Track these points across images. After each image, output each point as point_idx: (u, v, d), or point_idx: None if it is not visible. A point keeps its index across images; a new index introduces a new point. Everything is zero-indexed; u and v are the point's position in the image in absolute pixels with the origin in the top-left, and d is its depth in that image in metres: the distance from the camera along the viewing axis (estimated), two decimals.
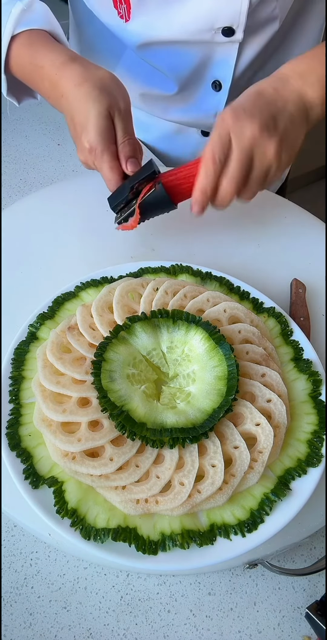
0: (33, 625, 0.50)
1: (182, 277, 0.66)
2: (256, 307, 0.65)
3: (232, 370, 0.52)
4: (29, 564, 0.53)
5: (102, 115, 0.60)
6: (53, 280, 0.67)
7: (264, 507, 0.48)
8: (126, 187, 0.62)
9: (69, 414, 0.49)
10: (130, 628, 0.51)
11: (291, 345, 0.61)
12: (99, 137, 0.60)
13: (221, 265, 0.69)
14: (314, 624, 0.47)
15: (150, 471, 0.48)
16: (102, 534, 0.45)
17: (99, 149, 0.61)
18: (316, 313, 0.70)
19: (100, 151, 0.61)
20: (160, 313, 0.57)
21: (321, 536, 0.57)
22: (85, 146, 0.62)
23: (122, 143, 0.62)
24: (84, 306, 0.59)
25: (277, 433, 0.51)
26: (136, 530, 0.46)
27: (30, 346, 0.57)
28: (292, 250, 0.77)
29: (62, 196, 0.76)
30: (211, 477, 0.48)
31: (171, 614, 0.52)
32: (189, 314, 0.57)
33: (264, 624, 0.52)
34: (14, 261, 0.71)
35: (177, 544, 0.46)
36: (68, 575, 0.53)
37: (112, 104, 0.61)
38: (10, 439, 0.50)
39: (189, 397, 0.53)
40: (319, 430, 0.53)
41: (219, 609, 0.52)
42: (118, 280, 0.63)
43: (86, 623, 0.51)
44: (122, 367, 0.53)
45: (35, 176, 0.90)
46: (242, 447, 0.50)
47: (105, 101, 0.60)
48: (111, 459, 0.47)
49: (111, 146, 0.61)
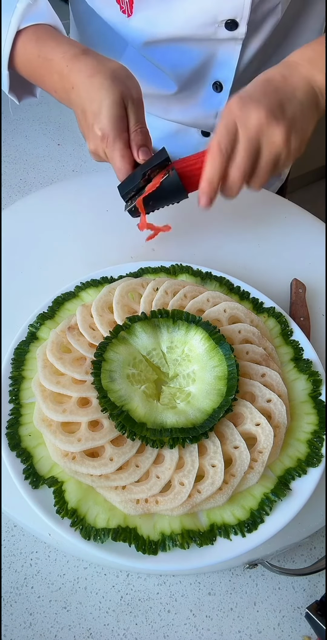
0: (33, 625, 0.50)
1: (182, 277, 0.66)
2: (256, 307, 0.65)
3: (232, 370, 0.52)
4: (29, 564, 0.53)
5: (116, 104, 0.60)
6: (53, 280, 0.67)
7: (264, 507, 0.48)
8: (138, 175, 0.62)
9: (69, 414, 0.49)
10: (130, 628, 0.51)
11: (291, 345, 0.61)
12: (112, 125, 0.60)
13: (221, 265, 0.69)
14: (314, 624, 0.47)
15: (150, 471, 0.48)
16: (102, 534, 0.45)
17: (111, 136, 0.60)
18: (316, 313, 0.70)
19: (112, 139, 0.61)
20: (161, 313, 0.57)
21: (321, 536, 0.57)
22: (97, 134, 0.61)
23: (134, 131, 0.62)
24: (84, 306, 0.59)
25: (277, 433, 0.51)
26: (136, 530, 0.46)
27: (30, 346, 0.57)
28: (292, 250, 0.77)
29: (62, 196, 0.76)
30: (211, 477, 0.48)
31: (171, 614, 0.52)
32: (189, 314, 0.57)
33: (264, 624, 0.52)
34: (14, 261, 0.71)
35: (177, 544, 0.46)
36: (68, 575, 0.53)
37: (125, 93, 0.61)
38: (10, 439, 0.50)
39: (189, 397, 0.53)
40: (319, 430, 0.53)
41: (219, 609, 0.52)
42: (118, 280, 0.63)
43: (86, 623, 0.51)
44: (122, 367, 0.53)
45: (35, 176, 0.90)
46: (242, 447, 0.50)
47: (118, 90, 0.60)
48: (111, 459, 0.47)
49: (123, 134, 0.61)
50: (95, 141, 0.63)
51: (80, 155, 0.95)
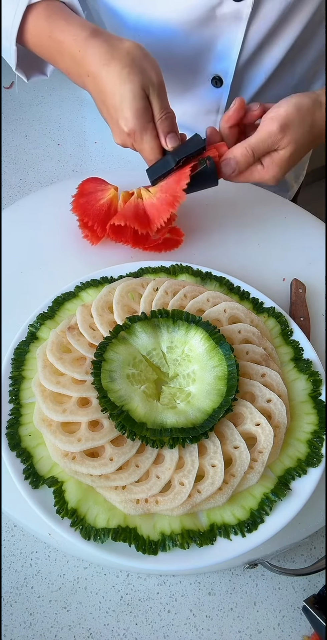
0: (33, 625, 0.50)
1: (182, 277, 0.66)
2: (256, 307, 0.65)
3: (232, 370, 0.52)
4: (29, 564, 0.53)
5: (138, 96, 0.59)
6: (53, 280, 0.67)
7: (264, 507, 0.48)
8: (170, 161, 0.62)
9: (69, 414, 0.49)
10: (130, 628, 0.51)
11: (291, 345, 0.61)
12: (137, 120, 0.60)
13: (221, 265, 0.69)
14: (311, 618, 0.47)
15: (151, 471, 0.48)
16: (102, 534, 0.45)
17: (138, 131, 0.60)
18: (316, 313, 0.70)
19: (139, 133, 0.60)
20: (161, 313, 0.57)
21: (321, 536, 0.57)
22: (123, 130, 0.61)
23: (160, 119, 0.61)
24: (84, 306, 0.59)
25: (277, 433, 0.51)
26: (136, 530, 0.46)
27: (30, 346, 0.57)
28: (292, 250, 0.77)
29: (62, 196, 0.76)
30: (211, 477, 0.48)
31: (171, 614, 0.52)
32: (189, 314, 0.57)
33: (264, 624, 0.52)
34: (14, 261, 0.71)
35: (177, 544, 0.46)
36: (68, 575, 0.53)
37: (145, 81, 0.60)
38: (10, 439, 0.50)
39: (189, 397, 0.53)
40: (319, 430, 0.53)
41: (219, 609, 0.52)
42: (118, 280, 0.63)
43: (86, 623, 0.51)
44: (122, 367, 0.53)
45: (35, 176, 0.90)
46: (242, 447, 0.50)
47: (138, 80, 0.59)
48: (111, 459, 0.47)
49: (149, 125, 0.61)
50: (121, 136, 0.62)
51: (80, 155, 0.95)
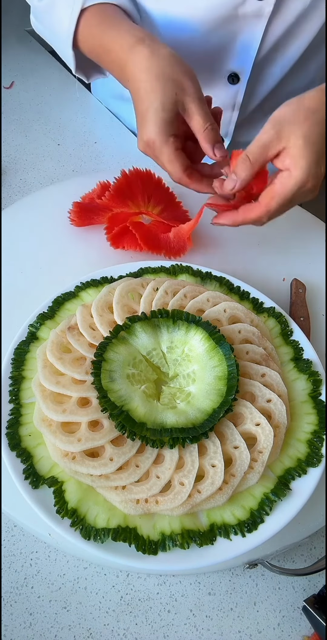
0: (33, 625, 0.50)
1: (182, 277, 0.66)
2: (256, 307, 0.65)
3: (232, 370, 0.52)
4: (29, 564, 0.53)
5: (165, 108, 0.59)
6: (53, 280, 0.67)
7: (264, 507, 0.48)
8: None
9: (69, 414, 0.49)
10: (130, 628, 0.51)
11: (291, 345, 0.61)
12: (157, 131, 0.60)
13: (221, 265, 0.69)
14: (311, 617, 0.47)
15: (151, 471, 0.48)
16: (102, 534, 0.45)
17: (157, 143, 0.60)
18: (316, 313, 0.70)
19: (159, 145, 0.60)
20: (161, 313, 0.57)
21: (321, 536, 0.57)
22: (143, 139, 0.62)
23: (206, 130, 0.60)
24: (84, 306, 0.59)
25: (277, 433, 0.51)
26: (136, 530, 0.46)
27: (30, 346, 0.57)
28: (292, 250, 0.77)
29: (62, 196, 0.76)
30: (211, 477, 0.48)
31: (171, 614, 0.52)
32: (189, 314, 0.57)
33: (264, 624, 0.52)
34: (14, 261, 0.71)
35: (177, 544, 0.46)
36: (68, 575, 0.53)
37: (178, 95, 0.60)
38: (10, 439, 0.50)
39: (189, 397, 0.53)
40: (319, 430, 0.53)
41: (219, 609, 0.52)
42: (118, 280, 0.63)
43: (86, 623, 0.51)
44: (122, 367, 0.53)
45: (35, 176, 0.90)
46: (242, 447, 0.50)
47: (170, 92, 0.59)
48: (111, 459, 0.47)
49: (169, 139, 0.61)
50: (142, 143, 0.63)
51: (80, 155, 0.95)
